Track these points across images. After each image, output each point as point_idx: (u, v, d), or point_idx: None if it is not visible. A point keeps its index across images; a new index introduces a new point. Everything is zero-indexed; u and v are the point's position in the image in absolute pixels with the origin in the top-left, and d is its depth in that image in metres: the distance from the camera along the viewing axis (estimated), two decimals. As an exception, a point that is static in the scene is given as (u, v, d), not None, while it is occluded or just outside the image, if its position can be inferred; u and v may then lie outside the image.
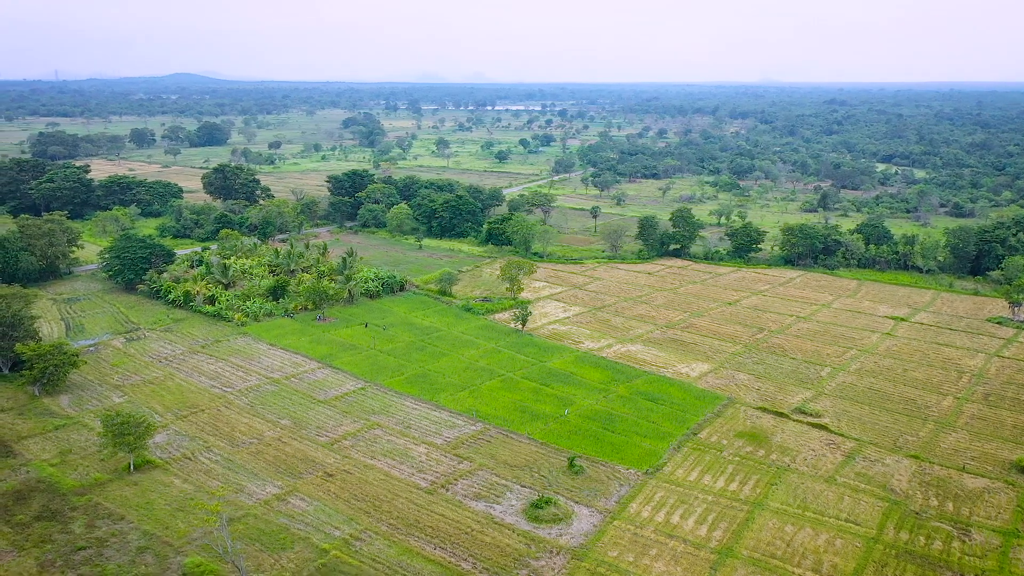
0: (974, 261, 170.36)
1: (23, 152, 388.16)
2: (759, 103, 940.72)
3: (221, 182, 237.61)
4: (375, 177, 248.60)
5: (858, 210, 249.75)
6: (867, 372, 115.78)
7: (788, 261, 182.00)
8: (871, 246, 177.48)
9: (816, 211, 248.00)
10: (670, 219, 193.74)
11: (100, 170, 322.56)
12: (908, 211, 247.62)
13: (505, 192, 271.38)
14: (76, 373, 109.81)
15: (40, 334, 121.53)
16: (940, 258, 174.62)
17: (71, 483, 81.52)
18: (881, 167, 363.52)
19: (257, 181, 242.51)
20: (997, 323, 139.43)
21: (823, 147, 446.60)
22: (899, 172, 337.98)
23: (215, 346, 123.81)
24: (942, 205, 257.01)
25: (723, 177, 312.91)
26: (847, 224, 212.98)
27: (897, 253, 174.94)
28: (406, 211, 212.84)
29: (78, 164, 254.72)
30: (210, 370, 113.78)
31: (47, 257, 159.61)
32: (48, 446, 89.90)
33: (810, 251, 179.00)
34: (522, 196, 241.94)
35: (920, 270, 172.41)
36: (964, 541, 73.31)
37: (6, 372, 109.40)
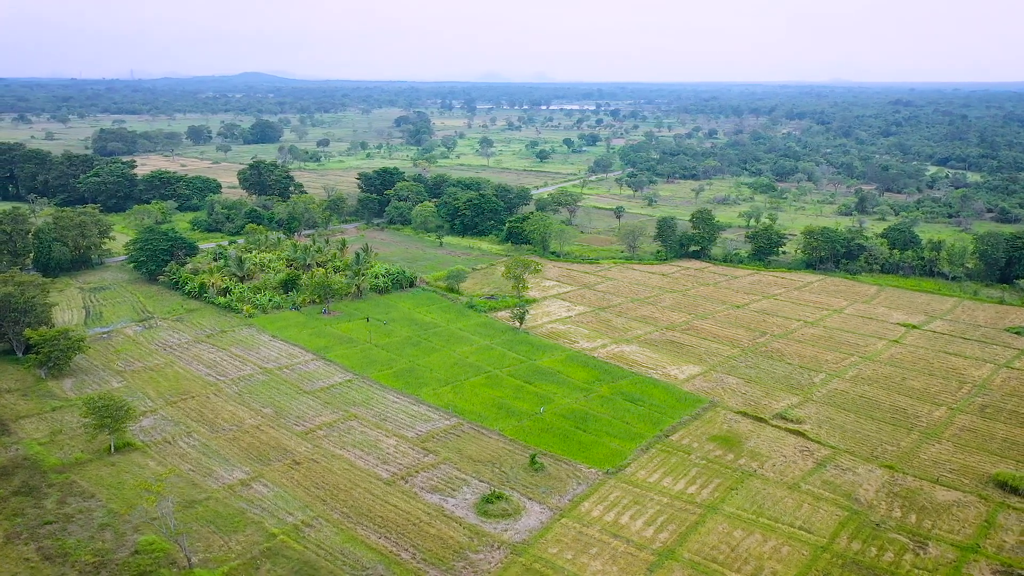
0: (1004, 268, 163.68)
1: (86, 148, 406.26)
2: (820, 103, 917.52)
3: (256, 178, 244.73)
4: (406, 175, 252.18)
5: (896, 214, 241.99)
6: (862, 379, 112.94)
7: (809, 265, 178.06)
8: (895, 251, 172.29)
9: (851, 214, 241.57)
10: (690, 220, 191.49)
11: (155, 165, 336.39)
12: (950, 216, 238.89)
13: (539, 191, 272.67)
14: (83, 358, 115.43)
15: (54, 320, 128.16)
16: (969, 265, 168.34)
17: (54, 461, 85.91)
18: (933, 170, 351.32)
19: (291, 178, 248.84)
20: (1016, 333, 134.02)
21: (876, 149, 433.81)
22: (949, 175, 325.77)
23: (219, 336, 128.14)
24: (989, 210, 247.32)
25: (761, 179, 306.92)
26: (883, 228, 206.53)
27: (922, 259, 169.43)
28: (431, 209, 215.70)
29: (125, 160, 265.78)
30: (209, 359, 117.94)
31: (79, 248, 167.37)
32: (42, 426, 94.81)
33: (832, 255, 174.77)
34: (550, 196, 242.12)
35: (945, 276, 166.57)
36: (918, 554, 71.35)
37: (20, 355, 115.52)
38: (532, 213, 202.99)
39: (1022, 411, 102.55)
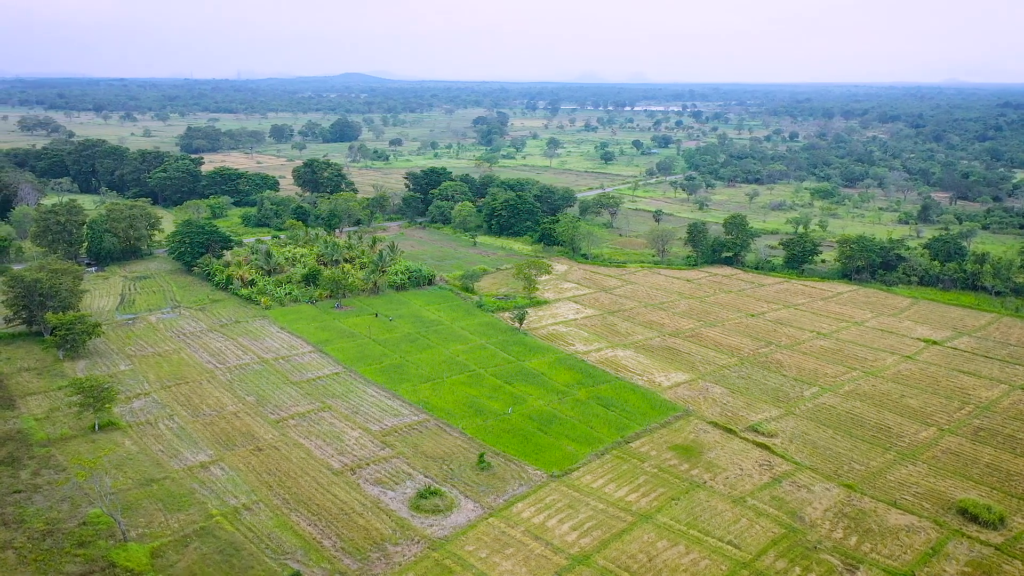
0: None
1: (176, 144, 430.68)
2: (921, 105, 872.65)
3: (309, 176, 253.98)
4: (453, 175, 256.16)
5: (961, 223, 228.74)
6: (856, 395, 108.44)
7: (845, 275, 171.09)
8: (935, 262, 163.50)
9: (910, 223, 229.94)
10: (723, 225, 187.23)
11: (233, 162, 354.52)
12: (1022, 227, 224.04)
13: (588, 193, 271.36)
14: (102, 342, 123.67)
15: (89, 306, 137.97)
16: (1017, 279, 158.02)
17: (41, 436, 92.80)
18: (1020, 177, 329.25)
19: (342, 176, 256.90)
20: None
21: (966, 154, 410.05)
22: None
23: (232, 326, 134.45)
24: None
25: (824, 184, 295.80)
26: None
27: (965, 272, 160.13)
28: (469, 209, 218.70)
29: (193, 157, 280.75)
30: (215, 347, 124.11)
31: (129, 239, 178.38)
32: (44, 403, 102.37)
33: (869, 265, 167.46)
34: (594, 198, 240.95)
35: (988, 291, 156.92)
36: (844, 577, 68.68)
37: (46, 336, 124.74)
38: (564, 215, 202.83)
39: (1020, 436, 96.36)
